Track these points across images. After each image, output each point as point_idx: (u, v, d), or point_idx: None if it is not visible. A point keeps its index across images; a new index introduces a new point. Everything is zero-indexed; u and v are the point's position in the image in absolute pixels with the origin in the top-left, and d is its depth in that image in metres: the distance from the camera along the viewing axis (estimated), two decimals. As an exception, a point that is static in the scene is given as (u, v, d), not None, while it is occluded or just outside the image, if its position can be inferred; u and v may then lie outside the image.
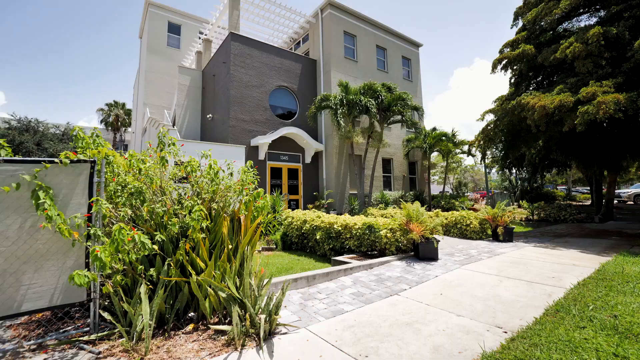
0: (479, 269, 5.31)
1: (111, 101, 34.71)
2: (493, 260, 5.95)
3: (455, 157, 19.19)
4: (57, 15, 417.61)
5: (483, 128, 11.03)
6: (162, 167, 3.83)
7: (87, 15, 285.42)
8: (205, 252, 3.67)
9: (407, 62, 19.53)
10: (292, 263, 6.95)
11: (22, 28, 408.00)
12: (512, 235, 8.13)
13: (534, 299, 3.82)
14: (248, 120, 13.27)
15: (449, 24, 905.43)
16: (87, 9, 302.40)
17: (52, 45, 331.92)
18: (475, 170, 47.88)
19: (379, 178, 16.25)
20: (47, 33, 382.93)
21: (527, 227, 12.10)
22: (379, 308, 3.75)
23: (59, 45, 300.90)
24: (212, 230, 4.09)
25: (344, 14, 16.01)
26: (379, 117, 14.01)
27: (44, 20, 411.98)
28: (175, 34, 20.30)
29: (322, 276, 4.83)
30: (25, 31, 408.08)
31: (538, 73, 10.82)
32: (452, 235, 9.04)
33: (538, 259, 6.01)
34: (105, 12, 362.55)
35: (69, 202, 3.20)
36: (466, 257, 6.24)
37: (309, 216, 8.58)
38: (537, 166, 17.10)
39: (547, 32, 10.31)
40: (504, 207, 8.58)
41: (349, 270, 5.21)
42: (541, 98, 7.86)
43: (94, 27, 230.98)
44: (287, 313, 3.69)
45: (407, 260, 5.99)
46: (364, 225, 6.76)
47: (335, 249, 7.46)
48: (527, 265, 5.55)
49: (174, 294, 3.55)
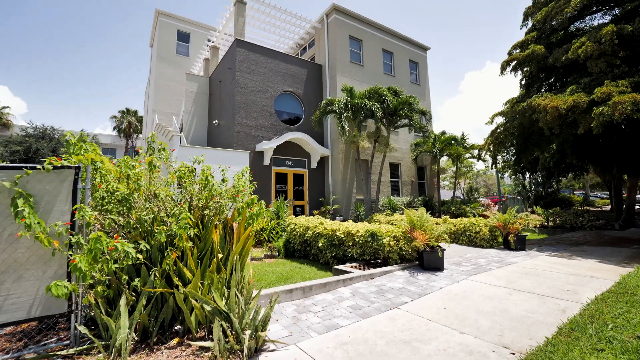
0: (487, 280, 4.99)
1: (124, 109, 35.44)
2: (503, 271, 5.61)
3: (465, 161, 18.70)
4: (77, 30, 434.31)
5: (492, 131, 10.66)
6: (151, 173, 3.70)
7: (102, 29, 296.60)
8: (192, 262, 3.51)
9: (415, 65, 19.27)
10: (293, 271, 6.75)
11: (42, 44, 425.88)
12: (524, 244, 7.74)
13: (546, 315, 3.51)
14: (253, 125, 13.23)
15: (458, 27, 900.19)
16: (102, 21, 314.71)
17: (71, 57, 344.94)
18: (488, 175, 46.87)
19: (386, 183, 15.95)
20: (67, 52, 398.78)
21: (541, 235, 11.59)
22: (377, 323, 3.51)
23: (81, 59, 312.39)
24: (203, 238, 3.94)
25: (350, 18, 15.93)
26: (385, 121, 13.78)
27: (62, 35, 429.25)
28: (184, 42, 20.61)
29: (319, 287, 4.61)
30: (47, 47, 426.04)
31: (550, 74, 10.43)
32: (461, 243, 8.68)
33: (552, 270, 5.64)
34: (116, 19, 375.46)
35: (51, 210, 3.10)
36: (474, 267, 5.92)
37: (312, 223, 8.38)
38: (551, 170, 16.49)
39: (558, 32, 9.94)
40: (516, 213, 8.20)
41: (349, 281, 4.97)
42: (553, 99, 7.51)
43: (108, 36, 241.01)
44: (277, 327, 3.49)
45: (411, 270, 5.71)
46: (366, 233, 6.52)
47: (338, 257, 7.24)
48: (540, 276, 5.20)
49: (160, 306, 3.40)
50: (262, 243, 9.70)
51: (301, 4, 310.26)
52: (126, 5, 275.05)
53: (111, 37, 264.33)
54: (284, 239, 8.96)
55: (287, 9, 15.08)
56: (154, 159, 3.70)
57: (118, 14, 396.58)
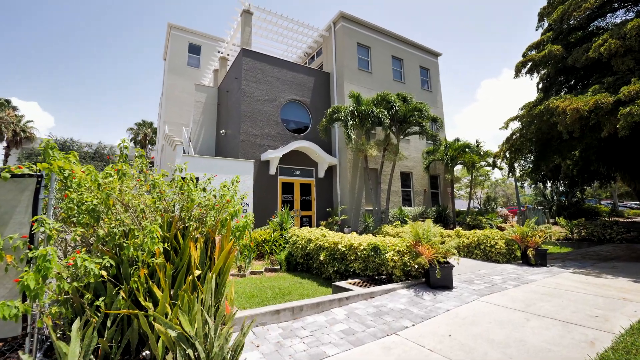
0: (501, 302, 4.43)
1: (140, 121, 36.45)
2: (520, 290, 5.01)
3: (481, 169, 17.92)
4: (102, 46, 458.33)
5: (508, 137, 10.03)
6: (121, 182, 3.43)
7: (121, 42, 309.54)
8: (163, 280, 3.18)
9: (426, 72, 18.81)
10: (292, 287, 6.36)
11: (66, 61, 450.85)
12: (545, 259, 7.05)
13: (571, 348, 2.97)
14: (259, 134, 13.06)
15: (473, 35, 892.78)
16: (121, 35, 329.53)
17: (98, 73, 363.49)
18: (507, 184, 45.08)
19: (397, 193, 15.37)
20: (93, 76, 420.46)
21: (565, 248, 10.72)
22: (369, 352, 3.06)
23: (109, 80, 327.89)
24: (180, 253, 3.61)
25: (357, 25, 15.74)
26: (395, 128, 13.33)
27: (87, 51, 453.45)
28: (195, 54, 20.96)
29: (310, 307, 4.18)
30: (73, 66, 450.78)
31: (569, 76, 9.78)
32: (475, 257, 8.05)
33: (577, 290, 5.00)
34: (134, 35, 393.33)
35: (8, 222, 2.86)
36: (487, 286, 5.34)
37: (314, 234, 7.99)
38: (575, 179, 15.47)
39: (576, 32, 9.34)
40: (535, 224, 7.53)
41: (345, 300, 4.52)
42: (573, 100, 6.91)
43: (127, 50, 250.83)
44: (256, 356, 3.09)
45: (416, 288, 5.19)
46: (369, 247, 6.07)
47: (340, 272, 6.79)
48: (563, 298, 4.59)
49: (127, 329, 3.07)
50: (264, 255, 9.34)
51: (309, 14, 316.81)
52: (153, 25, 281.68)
53: (132, 52, 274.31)
54: (287, 251, 8.59)
55: (294, 18, 15.05)
56: (123, 167, 3.43)
57: (145, 33, 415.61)
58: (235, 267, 7.94)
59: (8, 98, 28.78)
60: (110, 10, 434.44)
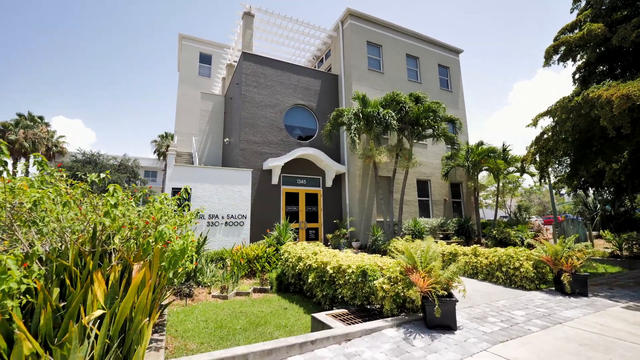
0: (520, 356, 3.22)
1: (163, 133, 37.45)
2: (549, 336, 3.74)
3: (510, 176, 16.13)
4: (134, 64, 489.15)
5: (537, 137, 8.56)
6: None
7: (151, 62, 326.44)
8: (44, 324, 2.38)
9: (445, 70, 17.43)
10: (274, 314, 5.54)
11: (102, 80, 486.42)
12: (586, 286, 5.59)
13: None
14: (260, 142, 12.38)
15: (504, 34, 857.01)
16: (143, 50, 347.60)
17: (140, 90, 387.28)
18: (544, 192, 41.48)
19: (412, 203, 14.04)
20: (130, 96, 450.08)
21: (611, 267, 8.94)
22: None
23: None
24: (78, 288, 2.82)
25: (367, 23, 14.79)
26: (406, 132, 12.14)
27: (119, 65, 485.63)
28: (206, 64, 20.97)
29: (260, 356, 3.23)
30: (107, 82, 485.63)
31: (613, 63, 8.20)
32: (497, 281, 6.68)
33: (632, 337, 3.65)
34: (153, 51, 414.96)
35: None
36: (504, 326, 4.10)
37: (306, 252, 7.03)
38: (622, 185, 13.37)
39: (621, 10, 7.82)
40: (572, 243, 6.09)
41: (309, 345, 3.52)
42: (620, 87, 5.52)
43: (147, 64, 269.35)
44: None
45: (408, 328, 4.07)
46: (357, 270, 5.05)
47: (330, 297, 5.78)
48: (612, 351, 3.29)
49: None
50: (255, 274, 8.49)
51: (318, 16, 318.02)
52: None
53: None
54: (279, 270, 7.70)
55: (299, 19, 14.40)
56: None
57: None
58: (218, 287, 7.16)
59: (41, 115, 30.49)
60: (147, 37, 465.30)
